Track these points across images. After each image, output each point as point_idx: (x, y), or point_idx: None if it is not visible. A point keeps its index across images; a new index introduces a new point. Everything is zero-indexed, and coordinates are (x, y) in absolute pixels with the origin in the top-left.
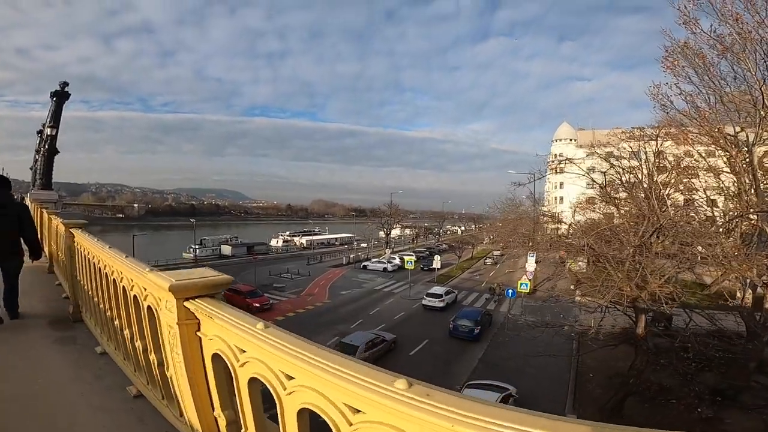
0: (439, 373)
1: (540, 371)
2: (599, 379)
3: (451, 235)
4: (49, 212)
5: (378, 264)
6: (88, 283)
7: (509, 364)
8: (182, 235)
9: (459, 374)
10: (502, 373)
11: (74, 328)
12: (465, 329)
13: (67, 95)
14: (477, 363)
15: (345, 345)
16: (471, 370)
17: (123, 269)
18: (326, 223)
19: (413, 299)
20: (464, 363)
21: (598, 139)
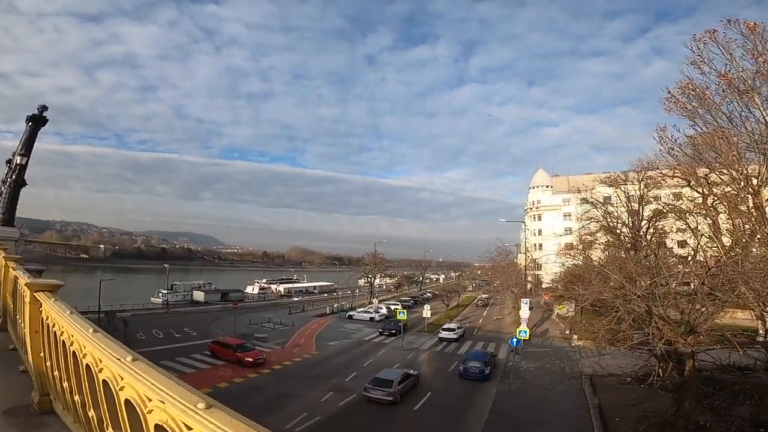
0: (450, 427)
1: (557, 418)
2: (628, 423)
3: (433, 283)
4: (7, 258)
5: (364, 314)
6: (60, 370)
7: (523, 414)
8: (150, 279)
9: (472, 426)
10: (519, 425)
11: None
12: (476, 370)
13: (44, 120)
14: (489, 414)
15: (380, 380)
16: (484, 422)
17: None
18: (304, 270)
19: (406, 350)
20: (475, 414)
21: (573, 185)
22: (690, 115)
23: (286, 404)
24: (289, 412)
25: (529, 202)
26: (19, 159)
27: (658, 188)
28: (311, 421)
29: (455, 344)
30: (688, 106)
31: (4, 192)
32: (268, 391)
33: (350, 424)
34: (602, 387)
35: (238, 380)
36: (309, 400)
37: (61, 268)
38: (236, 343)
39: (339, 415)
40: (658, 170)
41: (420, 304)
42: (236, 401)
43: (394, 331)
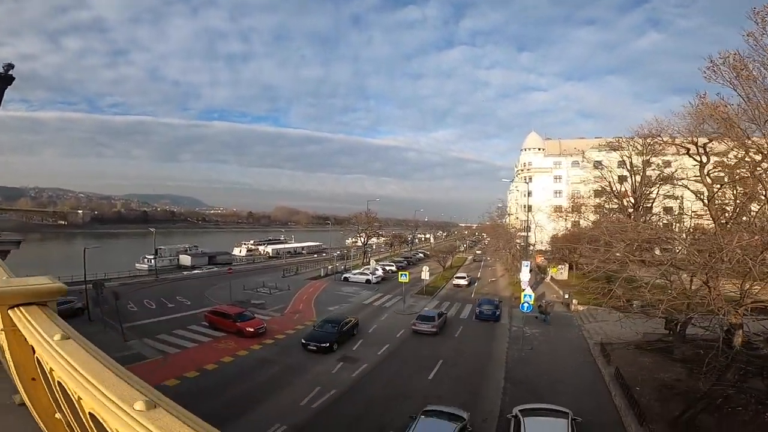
0: (467, 397)
1: (572, 387)
2: (650, 393)
3: (423, 243)
4: None
5: (360, 276)
6: None
7: (538, 382)
8: (133, 243)
9: (490, 396)
10: (535, 391)
11: None
12: (489, 312)
13: (10, 79)
14: (505, 383)
15: (424, 317)
16: (501, 390)
17: None
18: (290, 230)
19: (408, 314)
20: (491, 382)
21: (564, 148)
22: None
23: (296, 378)
24: (300, 386)
25: (520, 163)
26: None
27: (656, 156)
28: (326, 396)
29: (456, 306)
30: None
31: None
32: (275, 365)
33: (414, 345)
34: (615, 355)
35: (242, 353)
36: (319, 372)
37: (39, 236)
38: (235, 312)
39: (354, 387)
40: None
41: (413, 265)
42: (244, 377)
43: (327, 345)
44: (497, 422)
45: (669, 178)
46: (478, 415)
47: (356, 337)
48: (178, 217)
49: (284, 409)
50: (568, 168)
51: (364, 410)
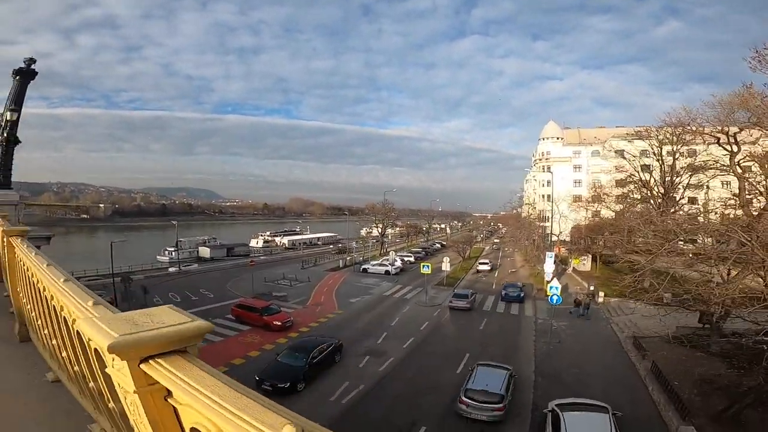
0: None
1: (605, 381)
2: (689, 387)
3: (439, 233)
4: None
5: (379, 267)
6: (31, 303)
7: (569, 377)
8: (153, 236)
9: (521, 390)
10: (567, 385)
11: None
12: (514, 294)
13: (33, 73)
14: (535, 377)
15: (459, 294)
16: (532, 384)
17: (61, 298)
18: (305, 221)
19: (431, 306)
20: (521, 376)
21: (584, 137)
22: None
23: (324, 373)
24: (329, 381)
25: (538, 153)
26: (9, 114)
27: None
28: (355, 392)
29: (480, 297)
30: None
31: None
32: None
33: (439, 339)
34: (649, 349)
35: (268, 347)
36: (346, 366)
37: (63, 229)
38: (262, 306)
39: (382, 381)
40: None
41: (431, 255)
42: None
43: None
44: (531, 416)
45: (701, 168)
46: (510, 408)
47: (379, 331)
48: (196, 209)
49: (315, 404)
50: (588, 157)
51: (394, 405)
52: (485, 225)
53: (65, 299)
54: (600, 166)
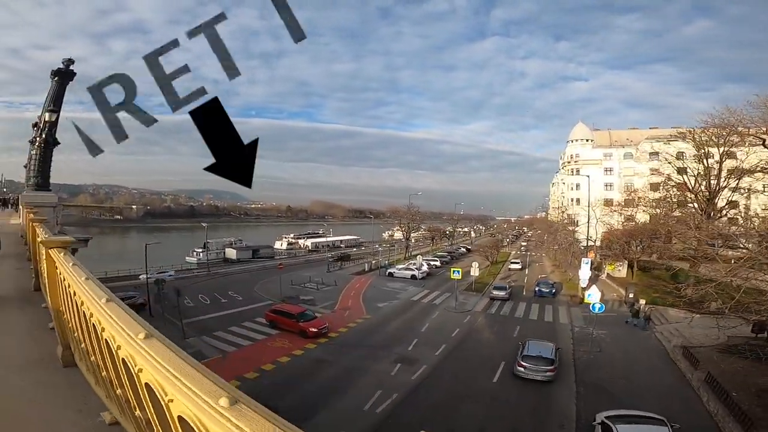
0: (538, 400)
1: (654, 392)
2: (746, 397)
3: (462, 237)
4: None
5: (405, 271)
6: (72, 322)
7: (614, 387)
8: (181, 237)
9: (563, 401)
10: (613, 396)
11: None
12: (546, 290)
13: (71, 74)
14: (577, 387)
15: (498, 286)
16: (574, 394)
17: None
18: (327, 224)
19: (461, 312)
20: (561, 386)
21: (616, 139)
22: None
23: (355, 380)
24: (361, 389)
25: (566, 155)
26: (47, 116)
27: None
28: (389, 400)
29: (509, 304)
30: None
31: (35, 154)
32: (333, 365)
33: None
34: (700, 359)
35: (297, 352)
36: (378, 374)
37: (98, 230)
38: (297, 312)
39: (417, 390)
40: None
41: (456, 260)
42: (304, 379)
43: None
44: (575, 428)
45: (747, 171)
46: (553, 419)
47: (409, 337)
48: (222, 211)
49: (348, 414)
50: (621, 160)
51: (431, 414)
52: (510, 229)
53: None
54: (633, 168)
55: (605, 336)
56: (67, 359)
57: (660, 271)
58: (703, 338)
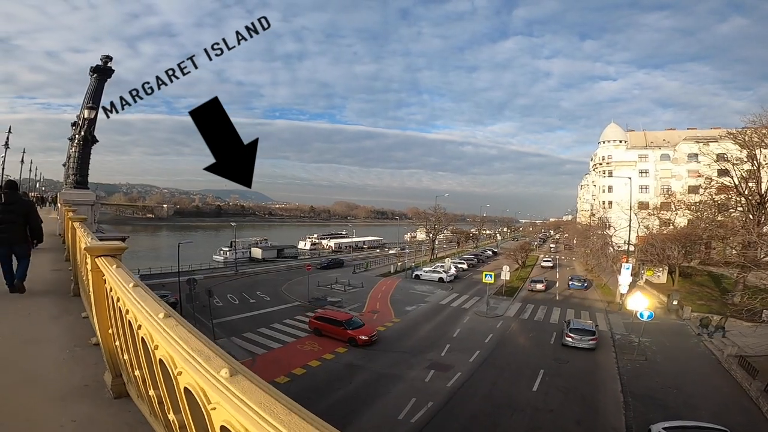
0: (582, 410)
1: (711, 403)
2: None
3: (488, 240)
4: (73, 219)
5: (433, 273)
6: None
7: (665, 398)
8: (208, 235)
9: (611, 411)
10: (666, 407)
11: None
12: (579, 284)
13: (109, 72)
14: (624, 397)
15: (535, 281)
16: (621, 404)
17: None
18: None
19: (492, 317)
20: (607, 396)
21: (651, 140)
22: None
23: (389, 387)
24: (395, 397)
25: (598, 157)
26: (86, 113)
27: None
28: (424, 409)
29: (543, 310)
30: None
31: (74, 152)
32: (365, 371)
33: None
34: (760, 368)
35: (328, 356)
36: (412, 381)
37: (130, 228)
38: (344, 318)
39: (453, 399)
40: None
41: (483, 263)
42: (335, 385)
43: None
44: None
45: None
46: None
47: (441, 343)
48: (248, 211)
49: (382, 423)
50: (657, 161)
51: (470, 425)
52: (536, 232)
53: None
54: (671, 171)
55: (650, 344)
56: (118, 388)
57: (702, 278)
58: (757, 347)
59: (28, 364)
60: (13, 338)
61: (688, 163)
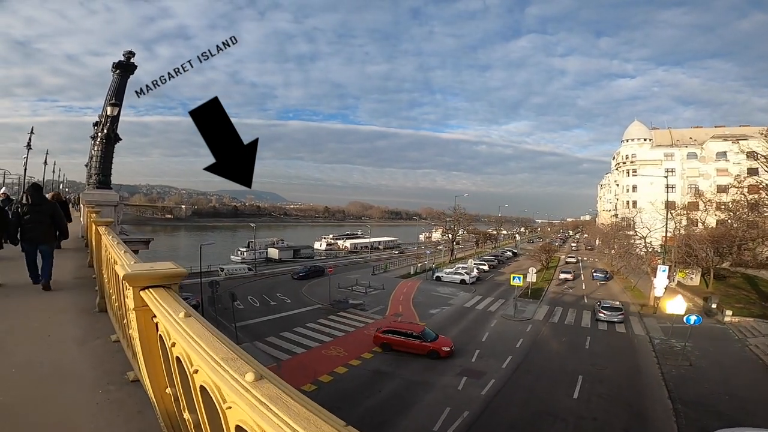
0: (629, 418)
1: (762, 407)
2: None
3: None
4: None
5: (454, 275)
6: None
7: (719, 403)
8: (225, 236)
9: (660, 418)
10: (720, 414)
11: None
12: (601, 275)
13: (132, 67)
14: (673, 404)
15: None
16: (671, 411)
17: None
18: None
19: (520, 320)
20: (654, 402)
21: (677, 138)
22: None
23: (420, 396)
24: (428, 406)
25: (620, 155)
26: (109, 109)
27: None
28: (459, 420)
29: (573, 313)
30: None
31: (96, 151)
32: (393, 378)
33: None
34: None
35: (354, 362)
36: (444, 388)
37: (150, 228)
38: (419, 331)
39: (490, 407)
40: None
41: (504, 264)
42: (365, 393)
43: None
44: None
45: None
46: None
47: (470, 348)
48: (263, 211)
49: None
50: (683, 160)
51: None
52: (554, 232)
53: None
54: (698, 169)
55: (692, 349)
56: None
57: (736, 280)
58: None
59: (49, 416)
60: (30, 371)
61: (717, 161)
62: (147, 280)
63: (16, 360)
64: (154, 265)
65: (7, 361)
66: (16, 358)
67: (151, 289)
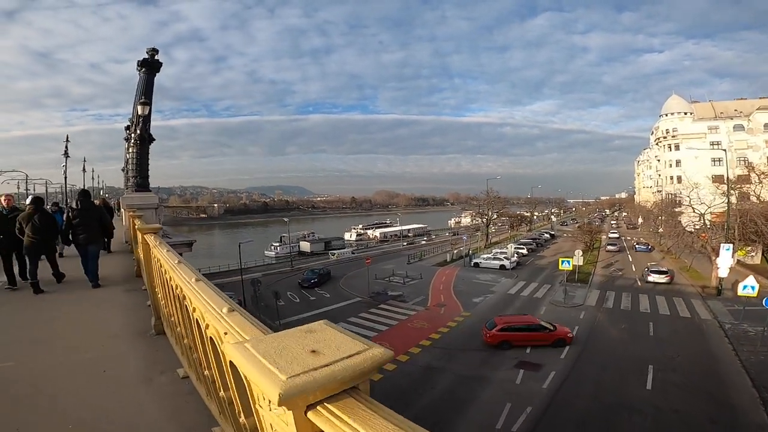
0: (713, 408)
1: None
2: None
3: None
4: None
5: (493, 260)
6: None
7: None
8: (257, 231)
9: (746, 407)
10: None
11: None
12: (643, 247)
13: (157, 65)
14: (758, 392)
15: None
16: (758, 400)
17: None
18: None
19: (571, 306)
20: (738, 391)
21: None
22: None
23: (477, 392)
24: (487, 402)
25: (660, 130)
26: (140, 109)
27: None
28: (524, 416)
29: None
30: None
31: (131, 153)
32: (446, 373)
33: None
34: None
35: (402, 358)
36: (501, 382)
37: (187, 228)
38: (538, 322)
39: (555, 402)
40: None
41: (542, 247)
42: (417, 389)
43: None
44: None
45: None
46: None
47: None
48: (292, 205)
49: None
50: (730, 132)
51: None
52: (590, 211)
53: (197, 301)
54: (746, 141)
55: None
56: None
57: None
58: None
59: None
60: None
61: (765, 132)
62: (320, 392)
63: None
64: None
65: None
66: None
67: (329, 403)
